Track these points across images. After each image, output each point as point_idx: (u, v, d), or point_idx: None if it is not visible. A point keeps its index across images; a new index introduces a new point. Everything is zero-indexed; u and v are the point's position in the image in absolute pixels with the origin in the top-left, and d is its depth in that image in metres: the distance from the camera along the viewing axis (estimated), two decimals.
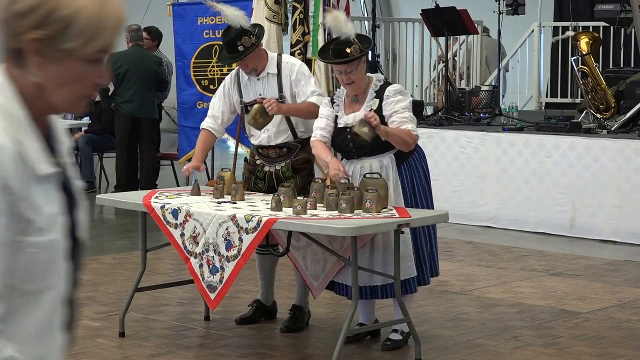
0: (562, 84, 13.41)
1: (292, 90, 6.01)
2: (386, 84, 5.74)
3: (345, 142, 5.71)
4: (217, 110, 6.19)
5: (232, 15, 5.92)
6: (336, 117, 5.77)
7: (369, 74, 5.78)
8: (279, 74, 6.01)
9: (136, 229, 9.78)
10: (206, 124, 6.23)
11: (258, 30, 5.98)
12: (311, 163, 6.14)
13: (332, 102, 5.82)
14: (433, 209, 5.81)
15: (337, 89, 5.89)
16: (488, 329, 6.26)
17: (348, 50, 5.58)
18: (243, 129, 10.06)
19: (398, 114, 5.61)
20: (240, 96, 6.11)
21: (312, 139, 5.82)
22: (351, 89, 5.71)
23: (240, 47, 5.88)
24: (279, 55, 6.14)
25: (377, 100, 5.67)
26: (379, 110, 5.63)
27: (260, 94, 6.04)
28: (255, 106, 5.92)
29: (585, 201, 9.43)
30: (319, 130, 5.79)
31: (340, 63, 5.63)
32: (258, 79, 6.04)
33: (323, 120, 5.80)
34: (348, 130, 5.67)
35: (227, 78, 6.21)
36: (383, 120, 5.59)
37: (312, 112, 5.95)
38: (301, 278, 6.00)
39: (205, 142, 6.24)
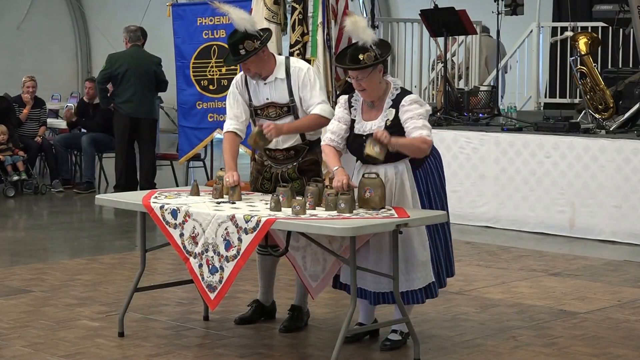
0: (561, 84, 13.41)
1: (300, 94, 5.99)
2: (403, 93, 5.71)
3: (361, 149, 5.63)
4: (238, 110, 6.09)
5: (238, 18, 5.90)
6: (353, 121, 5.76)
7: (387, 79, 5.73)
8: (288, 78, 5.99)
9: (135, 229, 9.81)
10: (230, 125, 6.09)
11: (265, 35, 5.94)
12: (318, 165, 6.12)
13: (350, 105, 5.78)
14: (447, 210, 5.80)
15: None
16: (487, 329, 6.27)
17: (361, 57, 5.56)
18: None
19: (413, 120, 5.59)
20: (250, 99, 6.10)
21: (322, 142, 5.82)
22: (363, 95, 5.69)
23: (242, 50, 5.86)
24: (287, 58, 6.09)
25: (394, 110, 5.65)
26: (395, 120, 5.63)
27: (267, 98, 6.02)
28: (255, 129, 5.90)
29: (584, 201, 9.44)
30: (330, 133, 5.77)
31: (351, 69, 5.62)
32: (265, 84, 6.02)
33: (336, 124, 5.77)
34: (364, 137, 5.63)
35: (233, 83, 6.13)
36: (400, 129, 5.59)
37: (315, 124, 5.94)
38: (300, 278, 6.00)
39: (233, 149, 6.07)
